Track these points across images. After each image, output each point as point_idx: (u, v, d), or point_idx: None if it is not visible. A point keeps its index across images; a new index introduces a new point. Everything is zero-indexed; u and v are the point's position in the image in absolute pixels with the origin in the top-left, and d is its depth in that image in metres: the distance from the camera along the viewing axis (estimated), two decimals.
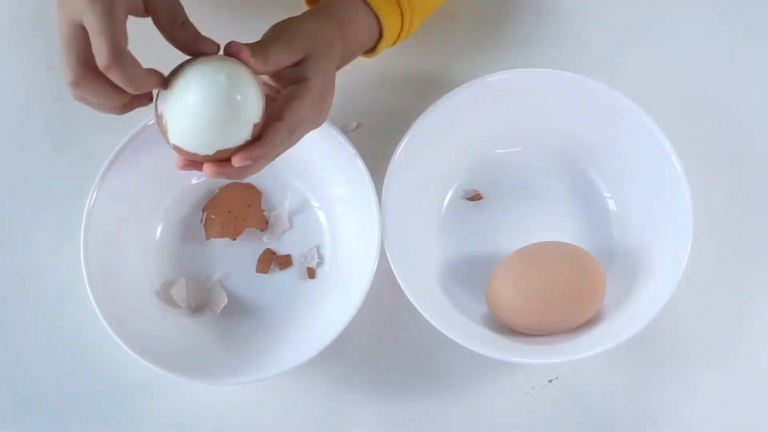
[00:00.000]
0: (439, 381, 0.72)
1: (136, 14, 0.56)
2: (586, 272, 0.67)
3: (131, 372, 0.70)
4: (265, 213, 0.75)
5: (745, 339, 0.72)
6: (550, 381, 0.72)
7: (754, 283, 0.74)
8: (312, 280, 0.73)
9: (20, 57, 0.80)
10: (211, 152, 0.56)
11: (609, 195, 0.74)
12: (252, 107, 0.57)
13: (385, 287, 0.71)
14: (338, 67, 0.65)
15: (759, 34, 0.80)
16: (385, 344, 0.73)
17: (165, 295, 0.73)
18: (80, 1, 0.52)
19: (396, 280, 0.66)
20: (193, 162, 0.58)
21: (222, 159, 0.57)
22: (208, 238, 0.75)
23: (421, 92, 0.76)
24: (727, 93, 0.78)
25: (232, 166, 0.57)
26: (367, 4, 0.66)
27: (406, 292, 0.66)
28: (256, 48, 0.58)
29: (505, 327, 0.69)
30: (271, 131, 0.58)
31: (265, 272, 0.74)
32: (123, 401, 0.73)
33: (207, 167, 0.57)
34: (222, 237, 0.74)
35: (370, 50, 0.70)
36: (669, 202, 0.69)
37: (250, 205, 0.75)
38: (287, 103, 0.59)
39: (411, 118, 0.70)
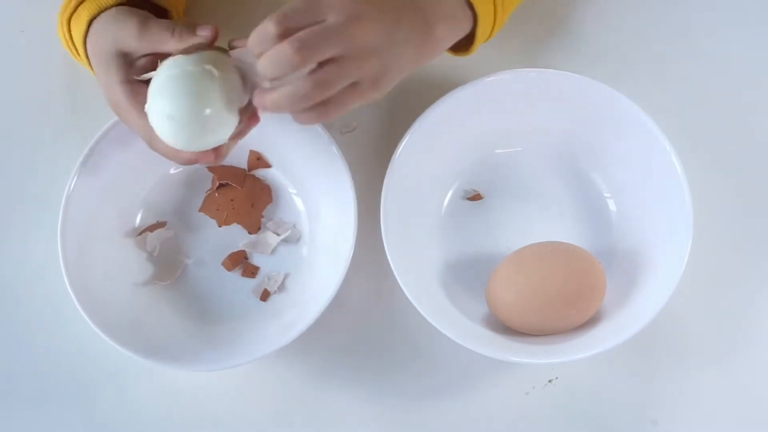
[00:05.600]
0: (438, 381, 0.72)
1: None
2: (586, 272, 0.67)
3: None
4: (263, 220, 0.75)
5: (745, 339, 0.72)
6: (550, 381, 0.72)
7: (754, 282, 0.74)
8: (262, 303, 0.73)
9: (20, 57, 0.80)
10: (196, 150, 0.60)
11: (609, 195, 0.74)
12: (226, 103, 0.57)
13: (385, 287, 0.71)
14: (417, 61, 0.60)
15: (759, 34, 0.79)
16: (385, 344, 0.73)
17: (137, 235, 0.73)
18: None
19: (396, 280, 0.66)
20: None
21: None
22: (200, 210, 0.75)
23: (421, 92, 0.75)
24: (727, 93, 0.78)
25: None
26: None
27: (406, 292, 0.66)
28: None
29: (505, 327, 0.69)
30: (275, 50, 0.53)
31: (229, 269, 0.74)
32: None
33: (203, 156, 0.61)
34: (212, 217, 0.75)
35: (465, 47, 0.66)
36: (669, 202, 0.69)
37: (253, 206, 0.75)
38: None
39: (411, 118, 0.70)
